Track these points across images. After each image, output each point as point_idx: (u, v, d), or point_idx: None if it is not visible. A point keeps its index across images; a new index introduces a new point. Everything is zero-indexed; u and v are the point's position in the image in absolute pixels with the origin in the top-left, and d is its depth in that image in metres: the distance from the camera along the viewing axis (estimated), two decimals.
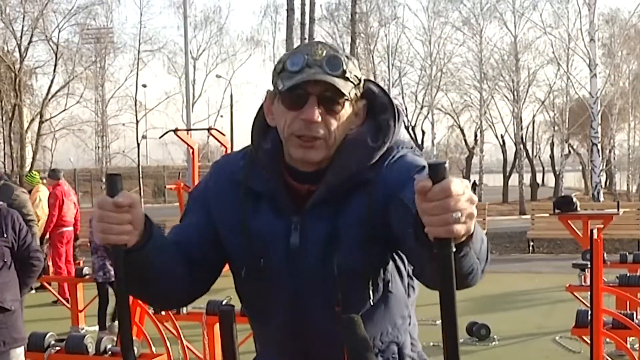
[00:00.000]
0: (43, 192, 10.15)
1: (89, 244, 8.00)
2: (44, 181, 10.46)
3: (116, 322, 6.83)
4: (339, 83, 1.62)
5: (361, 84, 1.70)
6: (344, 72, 1.64)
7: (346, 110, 1.67)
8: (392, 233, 1.62)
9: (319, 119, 1.63)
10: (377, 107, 1.75)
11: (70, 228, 10.14)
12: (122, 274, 1.50)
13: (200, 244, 1.75)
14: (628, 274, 6.33)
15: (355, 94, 1.69)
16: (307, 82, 1.62)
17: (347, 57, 1.66)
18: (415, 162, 1.71)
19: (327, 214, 1.69)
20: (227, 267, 1.85)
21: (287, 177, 1.73)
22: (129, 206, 1.46)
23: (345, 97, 1.65)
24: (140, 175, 30.34)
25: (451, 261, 1.27)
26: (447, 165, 1.26)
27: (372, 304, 1.72)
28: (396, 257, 1.73)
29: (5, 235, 4.18)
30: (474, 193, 1.31)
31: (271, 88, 1.74)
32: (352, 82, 1.66)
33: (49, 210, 9.76)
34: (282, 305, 1.75)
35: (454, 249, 1.27)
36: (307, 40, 19.43)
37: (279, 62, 1.68)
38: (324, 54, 1.64)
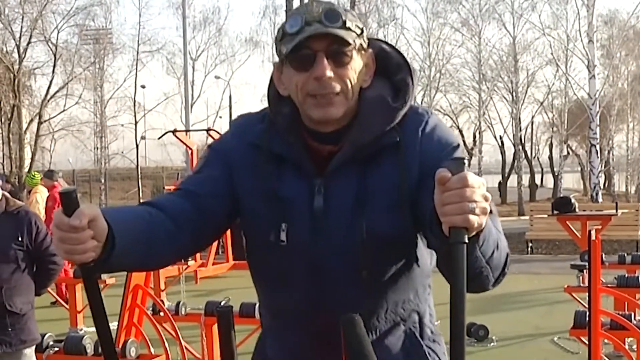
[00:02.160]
0: (42, 193, 10.14)
1: None
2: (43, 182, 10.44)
3: None
4: (342, 33, 1.60)
5: (364, 34, 1.67)
6: (344, 22, 1.61)
7: (355, 60, 1.64)
8: (419, 208, 1.61)
9: (332, 74, 1.60)
10: (392, 67, 1.74)
11: None
12: (94, 288, 1.44)
13: (217, 197, 1.72)
14: (626, 275, 6.34)
15: (361, 44, 1.66)
16: (311, 39, 1.59)
17: (344, 9, 1.64)
18: (451, 137, 1.71)
19: (353, 176, 1.67)
20: (224, 269, 1.84)
21: (308, 139, 1.70)
22: (89, 222, 1.37)
23: (352, 46, 1.62)
24: (139, 176, 30.33)
25: (464, 252, 1.31)
26: (466, 160, 1.34)
27: (398, 270, 1.70)
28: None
29: (20, 239, 4.15)
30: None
31: (277, 60, 1.71)
32: (354, 31, 1.63)
33: (46, 213, 9.71)
34: (303, 272, 1.70)
35: (467, 241, 1.32)
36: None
37: (279, 30, 1.66)
38: (320, 10, 1.61)
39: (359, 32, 1.65)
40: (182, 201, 1.69)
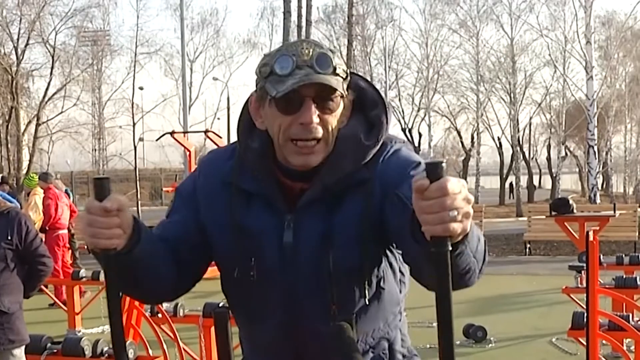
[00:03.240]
0: (40, 195, 10.14)
1: (86, 246, 8.00)
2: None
3: None
4: (332, 81, 1.60)
5: (348, 77, 1.68)
6: (335, 68, 1.61)
7: (339, 106, 1.65)
8: (388, 230, 1.62)
9: (317, 120, 1.61)
10: (367, 103, 1.73)
11: (65, 231, 10.16)
12: (113, 278, 1.49)
13: (188, 242, 1.73)
14: (624, 276, 6.34)
15: (345, 88, 1.66)
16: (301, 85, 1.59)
17: (331, 51, 1.64)
18: (411, 157, 1.70)
19: (321, 212, 1.68)
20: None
21: (279, 175, 1.71)
22: (117, 210, 1.44)
23: (339, 93, 1.63)
24: (137, 178, 30.29)
25: (447, 260, 1.28)
26: (444, 164, 1.28)
27: (366, 302, 1.70)
28: (389, 254, 1.72)
29: (9, 238, 4.18)
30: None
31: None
32: (341, 76, 1.64)
33: (45, 210, 9.76)
34: (275, 306, 1.73)
35: (450, 248, 1.29)
36: None
37: (265, 65, 1.64)
38: (311, 53, 1.60)
39: (344, 75, 1.65)
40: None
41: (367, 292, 1.70)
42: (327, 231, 1.67)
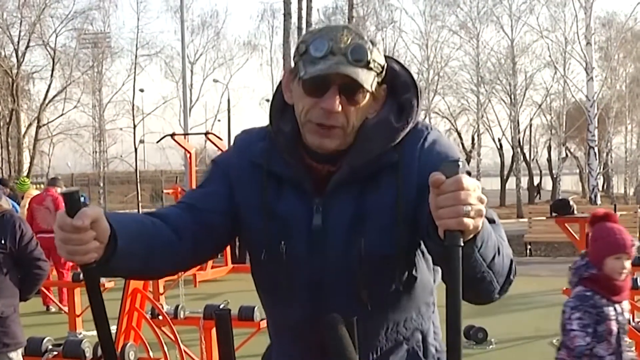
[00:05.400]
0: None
1: None
2: (35, 187, 10.51)
3: None
4: (362, 75, 1.59)
5: (384, 72, 1.67)
6: (368, 62, 1.60)
7: (366, 99, 1.64)
8: (420, 220, 1.59)
9: (339, 108, 1.60)
10: (399, 86, 1.72)
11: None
12: (97, 295, 1.44)
13: (218, 213, 1.72)
14: None
15: (377, 82, 1.65)
16: None
17: (371, 42, 1.62)
18: (450, 152, 1.68)
19: (352, 196, 1.67)
20: (223, 272, 1.84)
21: (306, 158, 1.70)
22: (91, 223, 1.38)
23: (366, 90, 1.62)
24: (138, 180, 30.34)
25: (459, 255, 1.31)
26: (460, 163, 1.32)
27: (397, 288, 1.69)
28: (421, 242, 1.69)
29: (3, 242, 4.16)
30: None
31: (292, 65, 1.69)
32: (375, 70, 1.63)
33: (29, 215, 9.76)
34: (303, 290, 1.71)
35: (462, 244, 1.31)
36: None
37: (302, 42, 1.64)
38: (349, 42, 1.59)
39: (379, 70, 1.64)
40: (184, 214, 1.70)
41: (398, 279, 1.69)
42: (359, 215, 1.66)
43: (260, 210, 1.72)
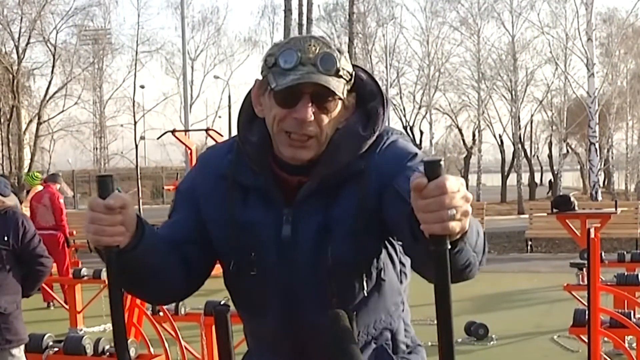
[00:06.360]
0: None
1: (87, 244, 8.00)
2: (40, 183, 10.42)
3: None
4: (333, 83, 1.61)
5: (352, 79, 1.68)
6: (338, 70, 1.62)
7: (338, 107, 1.65)
8: (386, 222, 1.62)
9: (312, 118, 1.61)
10: (366, 95, 1.73)
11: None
12: (115, 276, 1.49)
13: (191, 241, 1.73)
14: (626, 273, 6.33)
15: (347, 89, 1.67)
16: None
17: (338, 51, 1.64)
18: (407, 148, 1.70)
19: (319, 206, 1.68)
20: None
21: (276, 169, 1.71)
22: (120, 207, 1.44)
23: (338, 97, 1.63)
24: (139, 177, 30.29)
25: (446, 258, 1.28)
26: (442, 162, 1.28)
27: (366, 293, 1.71)
28: (388, 245, 1.72)
29: (6, 239, 4.18)
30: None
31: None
32: (344, 78, 1.64)
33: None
34: (275, 300, 1.73)
35: (449, 246, 1.28)
36: None
37: (270, 55, 1.65)
38: (317, 51, 1.61)
39: (348, 78, 1.66)
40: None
41: (366, 284, 1.70)
42: (326, 225, 1.67)
43: (229, 222, 1.72)
